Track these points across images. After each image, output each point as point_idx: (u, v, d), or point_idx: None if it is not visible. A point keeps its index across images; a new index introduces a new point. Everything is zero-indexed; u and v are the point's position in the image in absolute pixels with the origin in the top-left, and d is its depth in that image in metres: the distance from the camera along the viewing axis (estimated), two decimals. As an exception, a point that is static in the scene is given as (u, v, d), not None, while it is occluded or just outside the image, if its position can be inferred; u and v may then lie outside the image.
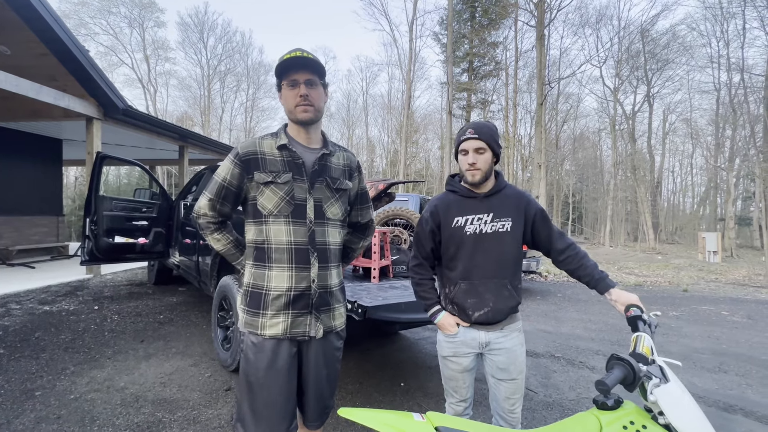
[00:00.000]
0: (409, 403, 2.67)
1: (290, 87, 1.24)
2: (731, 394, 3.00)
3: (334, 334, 1.37)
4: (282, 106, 1.30)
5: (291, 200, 1.25)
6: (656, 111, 25.60)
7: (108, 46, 28.80)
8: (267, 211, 1.24)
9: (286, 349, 1.25)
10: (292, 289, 1.24)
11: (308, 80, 1.24)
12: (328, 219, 1.31)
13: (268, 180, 1.24)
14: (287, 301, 1.24)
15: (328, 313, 1.32)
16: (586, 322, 5.15)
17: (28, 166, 8.45)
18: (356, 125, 35.98)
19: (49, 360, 3.23)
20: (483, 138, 1.41)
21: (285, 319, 1.24)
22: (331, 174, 1.33)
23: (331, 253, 1.33)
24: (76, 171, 22.66)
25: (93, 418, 2.34)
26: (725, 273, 10.98)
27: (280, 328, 1.23)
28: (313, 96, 1.25)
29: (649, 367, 1.03)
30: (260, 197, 1.25)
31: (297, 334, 1.25)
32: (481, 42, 22.70)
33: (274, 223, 1.24)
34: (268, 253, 1.25)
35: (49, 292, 5.47)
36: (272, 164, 1.25)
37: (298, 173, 1.26)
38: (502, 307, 1.47)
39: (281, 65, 1.23)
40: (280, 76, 1.26)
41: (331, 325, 1.33)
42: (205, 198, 1.30)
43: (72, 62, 6.09)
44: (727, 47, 19.85)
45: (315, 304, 1.27)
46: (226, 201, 1.29)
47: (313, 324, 1.27)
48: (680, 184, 33.61)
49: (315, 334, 1.27)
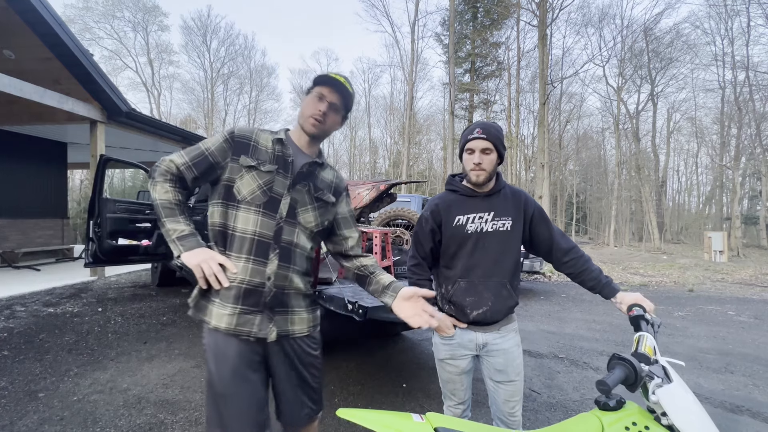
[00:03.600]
0: (411, 404, 2.66)
1: (317, 98, 1.27)
2: (738, 394, 2.96)
3: (300, 340, 1.28)
4: (299, 107, 1.33)
5: (268, 191, 1.22)
6: (660, 110, 25.47)
7: (112, 50, 29.09)
8: (241, 196, 1.21)
9: (248, 354, 1.19)
10: (245, 282, 1.18)
11: (333, 103, 1.28)
12: (298, 222, 1.26)
13: (252, 164, 1.21)
14: (237, 294, 1.18)
15: (284, 316, 1.24)
16: (590, 323, 5.11)
17: (33, 169, 8.52)
18: (359, 127, 36.05)
19: (53, 362, 3.24)
20: (490, 139, 1.40)
21: (232, 312, 1.17)
22: (317, 183, 1.31)
23: (297, 255, 1.26)
24: (81, 174, 22.83)
25: (95, 420, 2.35)
26: (731, 273, 10.87)
27: (224, 321, 1.17)
28: (329, 118, 1.28)
29: (652, 367, 1.01)
30: (239, 180, 1.21)
31: (242, 332, 1.17)
32: (483, 42, 22.69)
33: (244, 209, 1.20)
34: (230, 240, 1.21)
35: (54, 294, 5.51)
36: (261, 154, 1.24)
37: (284, 169, 1.25)
38: (501, 306, 1.46)
39: (324, 76, 1.27)
40: (316, 83, 1.28)
41: (288, 329, 1.24)
42: (177, 154, 1.25)
43: (76, 66, 6.14)
44: (731, 45, 19.74)
45: (268, 303, 1.20)
46: (196, 168, 1.22)
47: (264, 324, 1.19)
48: (685, 183, 33.40)
49: (267, 337, 1.19)
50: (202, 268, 1.14)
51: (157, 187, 1.20)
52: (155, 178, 1.21)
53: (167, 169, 1.21)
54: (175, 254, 1.18)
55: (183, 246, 1.16)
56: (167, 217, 1.18)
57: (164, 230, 1.18)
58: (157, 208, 1.19)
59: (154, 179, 1.21)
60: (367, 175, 34.90)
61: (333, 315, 2.54)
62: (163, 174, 1.20)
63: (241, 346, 1.18)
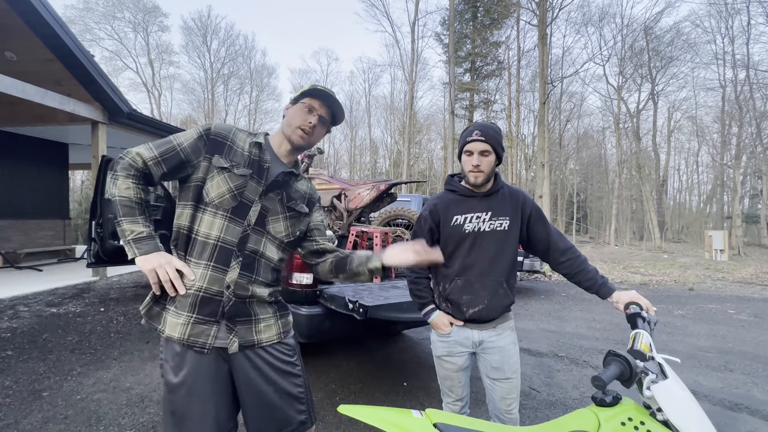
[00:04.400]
0: (412, 402, 2.68)
1: (306, 110, 1.24)
2: (737, 392, 2.98)
3: (271, 348, 1.21)
4: (284, 116, 1.28)
5: (238, 196, 1.15)
6: (661, 109, 25.47)
7: (113, 51, 29.15)
8: (209, 199, 1.14)
9: (209, 368, 1.12)
10: (202, 290, 1.11)
11: (322, 117, 1.26)
12: (267, 231, 1.20)
13: (225, 166, 1.15)
14: (194, 302, 1.11)
15: (247, 325, 1.16)
16: (590, 322, 5.13)
17: (35, 170, 8.55)
18: (359, 127, 36.10)
19: (56, 361, 3.27)
20: (489, 141, 1.41)
21: (186, 321, 1.10)
22: (290, 192, 1.27)
23: (261, 265, 1.19)
24: (83, 175, 22.87)
25: (99, 418, 2.37)
26: (732, 271, 10.87)
27: (177, 330, 1.10)
28: (316, 131, 1.26)
29: (647, 363, 1.03)
30: (209, 182, 1.15)
31: (195, 343, 1.10)
32: (483, 42, 22.68)
33: (210, 213, 1.14)
34: (191, 244, 1.14)
35: (56, 295, 5.53)
36: (236, 155, 1.18)
37: (258, 174, 1.19)
38: (497, 305, 1.48)
39: (316, 89, 1.24)
40: (306, 95, 1.25)
41: (253, 339, 1.17)
42: (145, 147, 1.13)
43: (77, 67, 6.16)
44: (732, 44, 19.73)
45: (227, 313, 1.13)
46: (165, 164, 1.13)
47: (222, 335, 1.13)
48: (686, 182, 33.39)
49: (227, 347, 1.13)
50: (158, 273, 1.07)
51: (118, 181, 1.09)
52: (117, 171, 1.09)
53: (131, 163, 1.10)
54: (129, 256, 1.09)
55: (138, 249, 1.08)
56: (125, 216, 1.08)
57: (120, 229, 1.09)
58: (115, 205, 1.08)
59: (116, 172, 1.09)
60: (367, 175, 34.92)
61: (334, 314, 2.56)
62: (126, 168, 1.09)
63: (200, 359, 1.11)
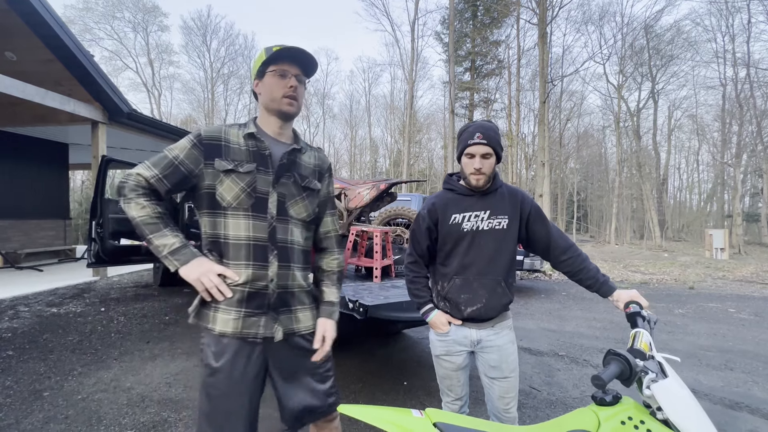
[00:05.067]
0: (412, 401, 2.68)
1: (279, 76, 1.19)
2: (737, 391, 2.98)
3: (308, 335, 1.28)
4: (258, 95, 1.24)
5: (252, 192, 1.16)
6: (661, 107, 25.45)
7: (113, 51, 29.12)
8: (226, 203, 1.16)
9: (247, 355, 1.17)
10: (248, 285, 1.16)
11: (298, 75, 1.22)
12: (290, 217, 1.22)
13: (229, 168, 1.15)
14: (241, 298, 1.16)
15: (288, 315, 1.23)
16: (591, 321, 5.13)
17: (35, 171, 8.56)
18: (359, 126, 36.07)
19: (57, 361, 3.27)
20: (491, 143, 1.41)
21: (237, 316, 1.16)
22: (301, 171, 1.26)
23: (294, 252, 1.23)
24: (83, 175, 22.87)
25: (100, 418, 2.38)
26: (732, 270, 10.86)
27: (230, 326, 1.15)
28: (299, 91, 1.22)
29: (647, 362, 1.03)
30: (219, 187, 1.15)
31: (248, 335, 1.17)
32: (483, 41, 22.64)
33: (232, 216, 1.16)
34: (225, 248, 1.17)
35: (57, 295, 5.54)
36: (236, 153, 1.17)
37: (263, 164, 1.19)
38: (495, 304, 1.48)
39: (279, 52, 1.18)
40: (268, 63, 1.19)
41: (293, 328, 1.24)
42: (143, 167, 1.14)
43: (77, 67, 6.17)
44: (732, 42, 19.70)
45: (272, 305, 1.19)
46: (167, 180, 1.14)
47: (269, 325, 1.19)
48: (686, 180, 33.35)
49: (273, 336, 1.19)
50: (203, 282, 1.12)
51: (132, 204, 1.11)
52: (127, 195, 1.11)
53: (137, 183, 1.12)
54: (171, 270, 1.13)
55: (177, 260, 1.11)
56: (152, 233, 1.11)
57: (152, 248, 1.11)
58: (138, 227, 1.11)
59: (126, 197, 1.11)
60: (367, 174, 34.90)
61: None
62: (134, 189, 1.12)
63: (241, 346, 1.17)
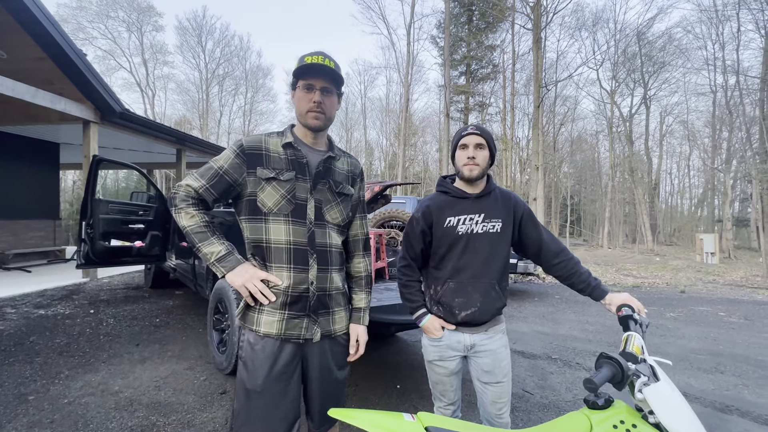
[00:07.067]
0: (405, 405, 2.66)
1: (306, 90, 1.24)
2: (727, 394, 3.00)
3: (336, 338, 1.33)
4: (293, 105, 1.30)
5: (292, 199, 1.23)
6: (653, 113, 25.74)
7: (106, 50, 28.85)
8: (267, 209, 1.22)
9: (287, 354, 1.22)
10: (290, 288, 1.22)
11: (324, 88, 1.25)
12: (327, 222, 1.29)
13: (271, 176, 1.22)
14: (284, 301, 1.22)
15: (326, 317, 1.28)
16: (584, 324, 5.15)
17: (25, 170, 8.44)
18: (354, 128, 36.03)
19: (44, 364, 3.21)
20: (484, 136, 1.44)
21: (281, 318, 1.21)
22: (335, 177, 1.32)
23: (332, 255, 1.30)
24: (74, 175, 22.62)
25: (86, 423, 2.33)
26: (723, 274, 11.00)
27: (274, 327, 1.21)
28: (326, 104, 1.26)
29: (639, 365, 1.03)
30: (261, 194, 1.22)
31: (291, 336, 1.22)
32: (479, 45, 22.80)
33: (273, 221, 1.22)
34: (267, 253, 1.23)
35: (45, 296, 5.45)
36: (276, 162, 1.24)
37: (302, 172, 1.25)
38: (489, 307, 1.47)
39: (303, 67, 1.22)
40: (298, 76, 1.25)
41: (330, 329, 1.30)
42: (192, 178, 1.23)
43: (69, 66, 6.10)
44: (722, 50, 20.02)
45: (312, 307, 1.24)
46: (214, 189, 1.23)
47: (310, 327, 1.24)
48: (678, 185, 33.72)
49: (312, 338, 1.25)
50: (248, 287, 1.19)
51: (182, 213, 1.20)
52: (178, 205, 1.21)
53: (186, 194, 1.22)
54: (219, 276, 1.21)
55: (224, 267, 1.19)
56: (201, 242, 1.20)
57: (201, 255, 1.20)
58: (188, 236, 1.21)
59: (177, 206, 1.21)
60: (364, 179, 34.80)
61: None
62: (185, 199, 1.21)
63: (281, 346, 1.22)
